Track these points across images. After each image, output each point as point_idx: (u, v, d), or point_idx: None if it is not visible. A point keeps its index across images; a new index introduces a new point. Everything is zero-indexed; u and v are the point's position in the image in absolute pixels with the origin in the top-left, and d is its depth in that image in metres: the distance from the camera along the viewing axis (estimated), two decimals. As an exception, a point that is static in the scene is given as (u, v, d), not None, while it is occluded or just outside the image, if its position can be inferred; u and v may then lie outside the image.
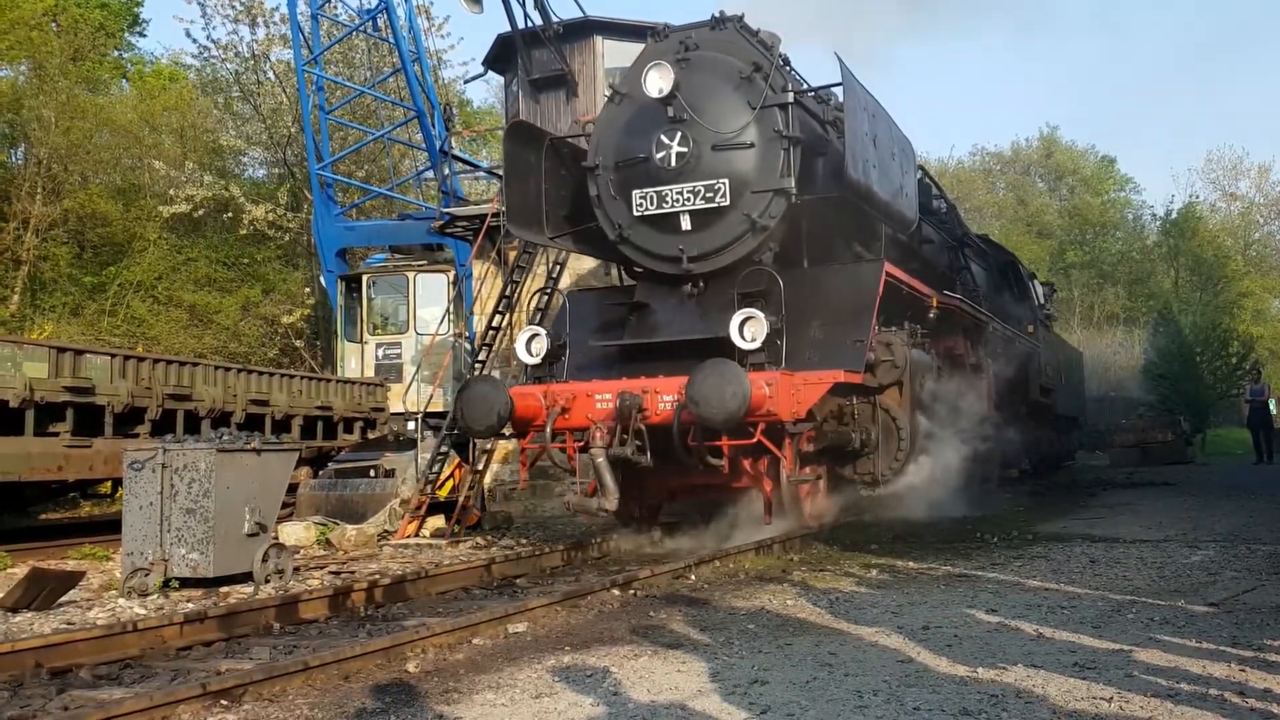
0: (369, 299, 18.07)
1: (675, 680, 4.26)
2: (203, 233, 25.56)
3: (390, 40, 19.12)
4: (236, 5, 24.30)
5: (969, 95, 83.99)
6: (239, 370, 12.30)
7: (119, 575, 7.66)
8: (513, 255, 13.78)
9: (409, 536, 10.32)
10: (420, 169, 21.63)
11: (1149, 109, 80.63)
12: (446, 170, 17.57)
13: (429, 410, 14.26)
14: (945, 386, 10.50)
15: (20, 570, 7.84)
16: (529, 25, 15.70)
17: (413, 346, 17.55)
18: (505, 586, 7.32)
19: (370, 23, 19.33)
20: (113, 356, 10.59)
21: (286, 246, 25.99)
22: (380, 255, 19.44)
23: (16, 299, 22.02)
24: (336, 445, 13.39)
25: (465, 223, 16.44)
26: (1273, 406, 23.26)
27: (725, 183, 8.53)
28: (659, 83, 8.37)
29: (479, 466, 11.13)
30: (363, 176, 24.12)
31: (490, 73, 18.76)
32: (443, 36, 25.71)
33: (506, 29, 15.90)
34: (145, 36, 40.97)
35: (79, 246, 24.16)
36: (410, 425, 14.50)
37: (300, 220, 24.52)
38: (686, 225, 8.71)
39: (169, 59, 31.35)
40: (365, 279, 18.15)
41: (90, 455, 10.01)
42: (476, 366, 11.93)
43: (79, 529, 11.66)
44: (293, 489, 10.44)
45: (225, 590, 7.22)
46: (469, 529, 10.78)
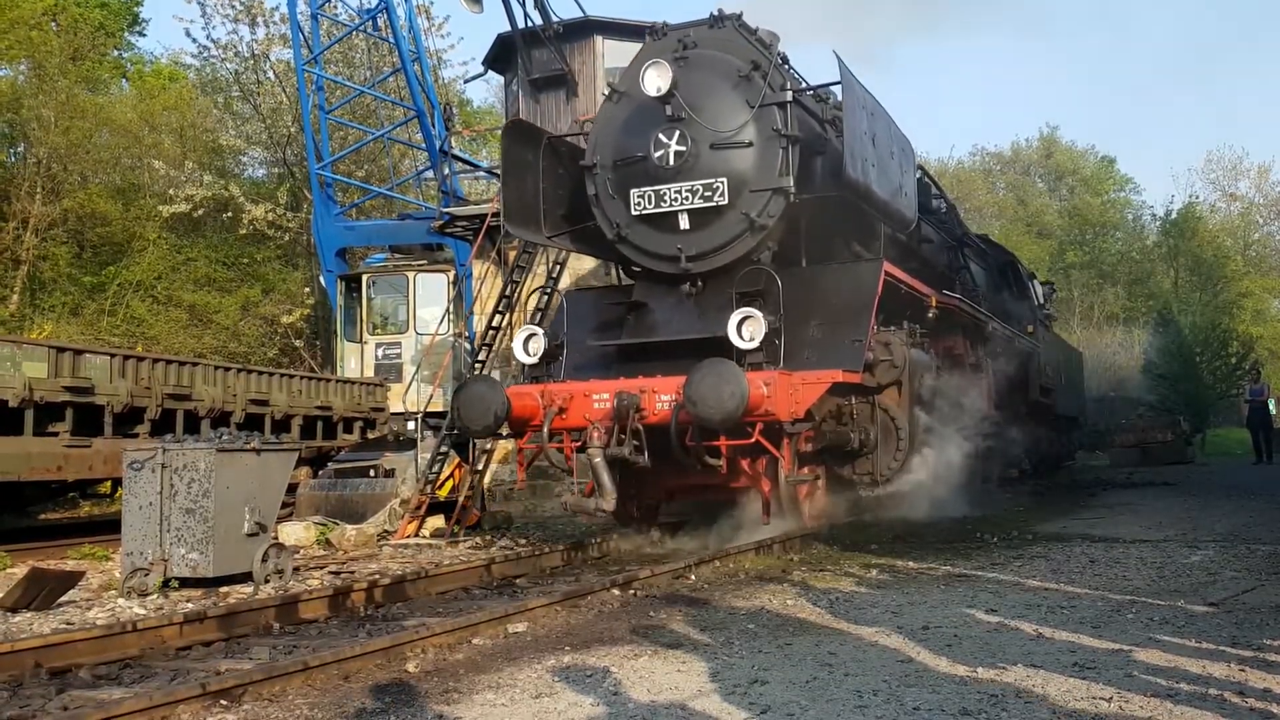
0: (369, 299, 18.07)
1: (675, 680, 4.26)
2: (202, 232, 25.57)
3: (390, 40, 19.11)
4: (236, 5, 24.35)
5: (969, 95, 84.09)
6: (239, 370, 12.30)
7: (118, 575, 7.66)
8: (513, 255, 13.78)
9: (409, 536, 10.32)
10: (420, 169, 21.63)
11: (1149, 109, 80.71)
12: (446, 170, 17.57)
13: (429, 410, 14.26)
14: (944, 386, 10.48)
15: (20, 570, 7.84)
16: (529, 25, 15.71)
17: (412, 346, 17.55)
18: (505, 586, 7.31)
19: (370, 22, 19.32)
20: (112, 356, 10.59)
21: (286, 246, 25.99)
22: (380, 255, 19.43)
23: (16, 299, 22.02)
24: (336, 445, 13.39)
25: (465, 223, 16.45)
26: (1272, 406, 23.26)
27: (723, 182, 8.49)
28: (657, 81, 8.34)
29: (479, 466, 11.13)
30: (362, 176, 24.12)
31: (490, 72, 18.78)
32: (443, 36, 25.76)
33: (506, 29, 15.92)
34: (145, 36, 41.09)
35: (78, 246, 24.16)
36: (410, 425, 14.50)
37: (300, 220, 24.51)
38: (685, 224, 8.68)
39: (169, 59, 31.43)
40: (365, 279, 18.15)
41: (90, 455, 10.01)
42: (476, 366, 11.93)
43: (78, 529, 11.66)
44: (292, 489, 10.43)
45: (225, 590, 7.22)
46: (469, 529, 10.78)
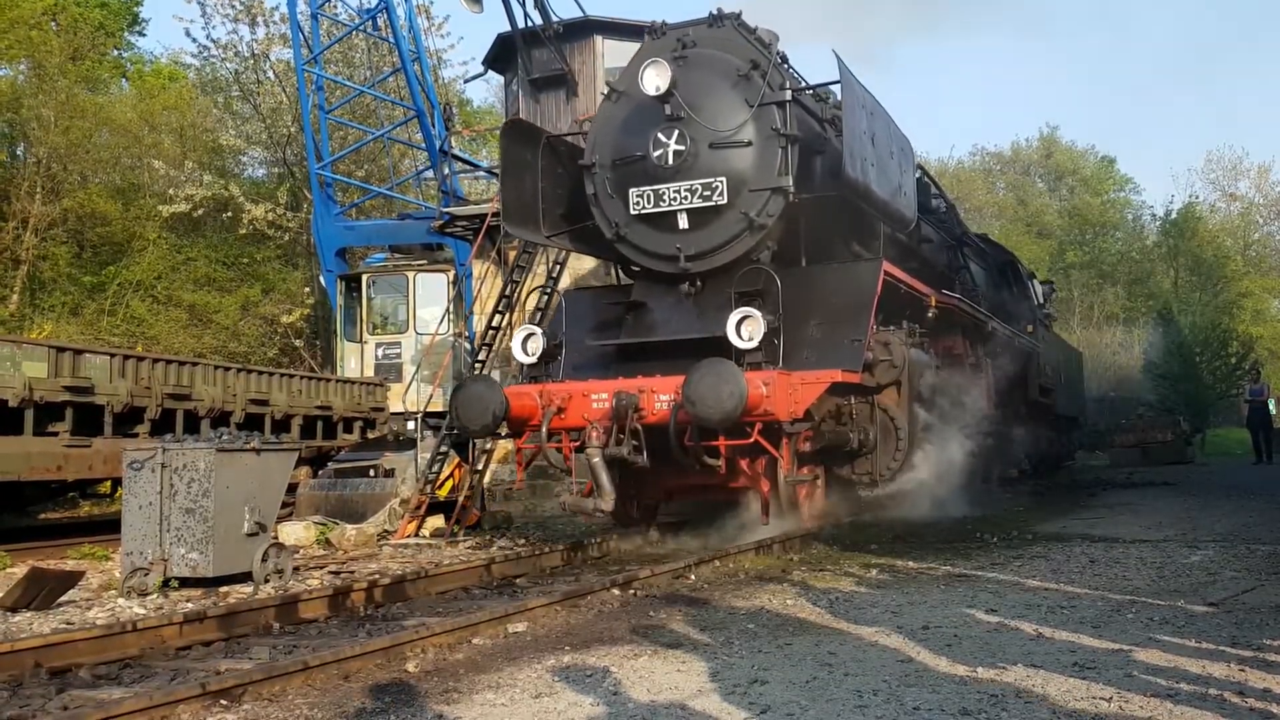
0: (369, 299, 18.08)
1: (675, 680, 4.26)
2: (202, 232, 25.58)
3: (390, 40, 19.11)
4: (236, 4, 24.35)
5: (969, 95, 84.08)
6: (238, 370, 12.30)
7: (118, 575, 7.66)
8: (513, 255, 13.78)
9: (409, 536, 10.32)
10: (420, 169, 21.64)
11: (1149, 109, 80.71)
12: (446, 170, 17.58)
13: (429, 410, 14.27)
14: (944, 386, 10.47)
15: (20, 570, 7.84)
16: (529, 25, 15.71)
17: (412, 346, 17.55)
18: (505, 586, 7.31)
19: (370, 22, 19.32)
20: (112, 356, 10.59)
21: (286, 246, 25.99)
22: (380, 255, 19.44)
23: (16, 298, 22.02)
24: (336, 445, 13.39)
25: (465, 222, 16.46)
26: (1272, 406, 23.27)
27: (723, 181, 8.47)
28: (656, 80, 8.32)
29: (479, 466, 11.13)
30: (362, 176, 24.12)
31: (490, 72, 18.80)
32: (443, 36, 25.77)
33: (506, 29, 15.93)
34: (145, 36, 41.15)
35: (78, 246, 24.17)
36: (410, 425, 14.51)
37: (300, 220, 24.52)
38: (684, 224, 8.66)
39: (168, 58, 31.43)
40: (365, 279, 18.16)
41: (90, 455, 10.01)
42: (476, 366, 11.92)
43: (78, 529, 11.65)
44: (292, 489, 10.43)
45: (225, 590, 7.22)
46: (469, 529, 10.78)
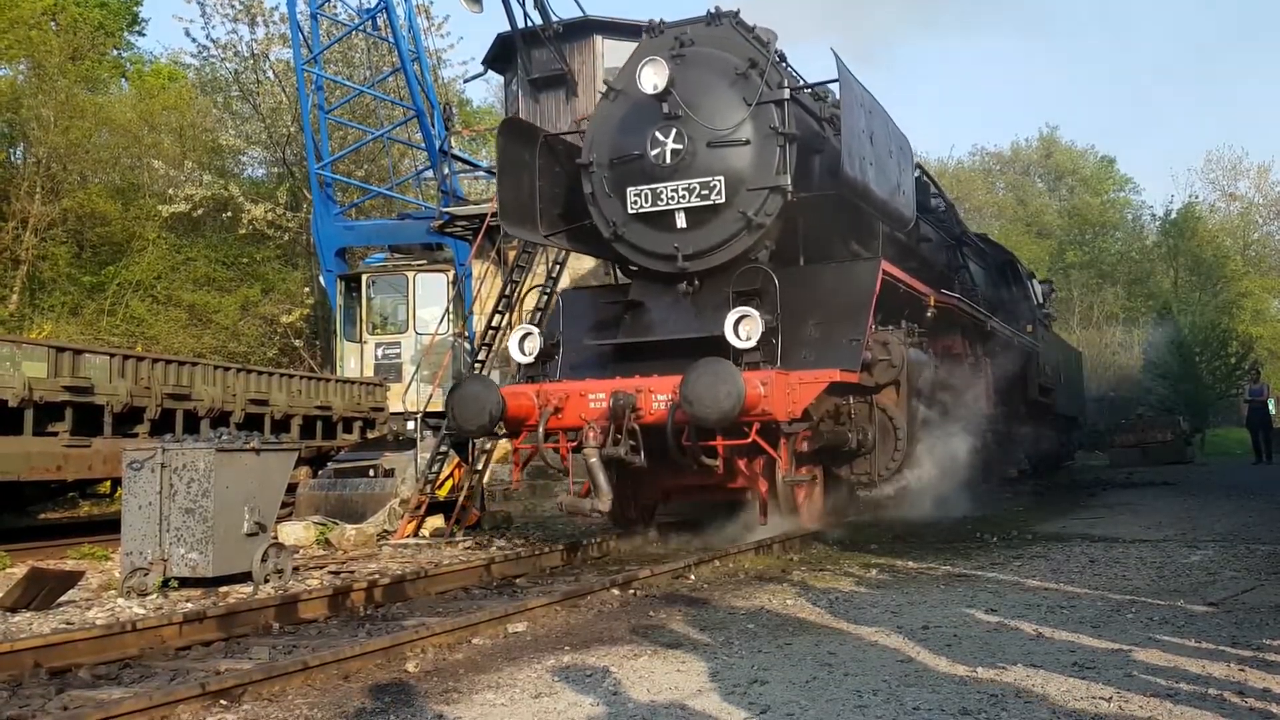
0: (368, 298, 18.08)
1: (675, 680, 4.26)
2: (202, 232, 25.57)
3: (390, 39, 19.11)
4: (236, 4, 24.34)
5: (969, 95, 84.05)
6: (238, 370, 12.29)
7: (118, 575, 7.65)
8: (512, 255, 13.78)
9: (408, 536, 10.32)
10: (420, 169, 21.64)
11: (1149, 109, 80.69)
12: (446, 170, 17.58)
13: (428, 410, 14.26)
14: (943, 386, 10.47)
15: (19, 570, 7.84)
16: (529, 25, 15.71)
17: (412, 346, 17.55)
18: (505, 586, 7.31)
19: (370, 22, 19.32)
20: (112, 356, 10.58)
21: (286, 246, 25.99)
22: (380, 255, 19.44)
23: (15, 298, 22.01)
24: (336, 445, 13.39)
25: (465, 222, 16.46)
26: (1271, 406, 23.28)
27: (720, 180, 8.44)
28: (654, 79, 8.28)
29: (478, 466, 11.12)
30: (362, 176, 24.12)
31: (490, 72, 18.80)
32: (442, 36, 25.76)
33: (506, 28, 15.93)
34: (144, 36, 41.18)
35: (78, 246, 24.16)
36: (410, 425, 14.51)
37: (299, 220, 24.51)
38: (681, 223, 8.62)
39: (168, 58, 31.41)
40: (365, 278, 18.16)
41: (89, 455, 10.00)
42: (476, 366, 11.92)
43: (78, 529, 11.65)
44: (292, 489, 10.43)
45: (224, 590, 7.22)
46: (468, 529, 10.78)
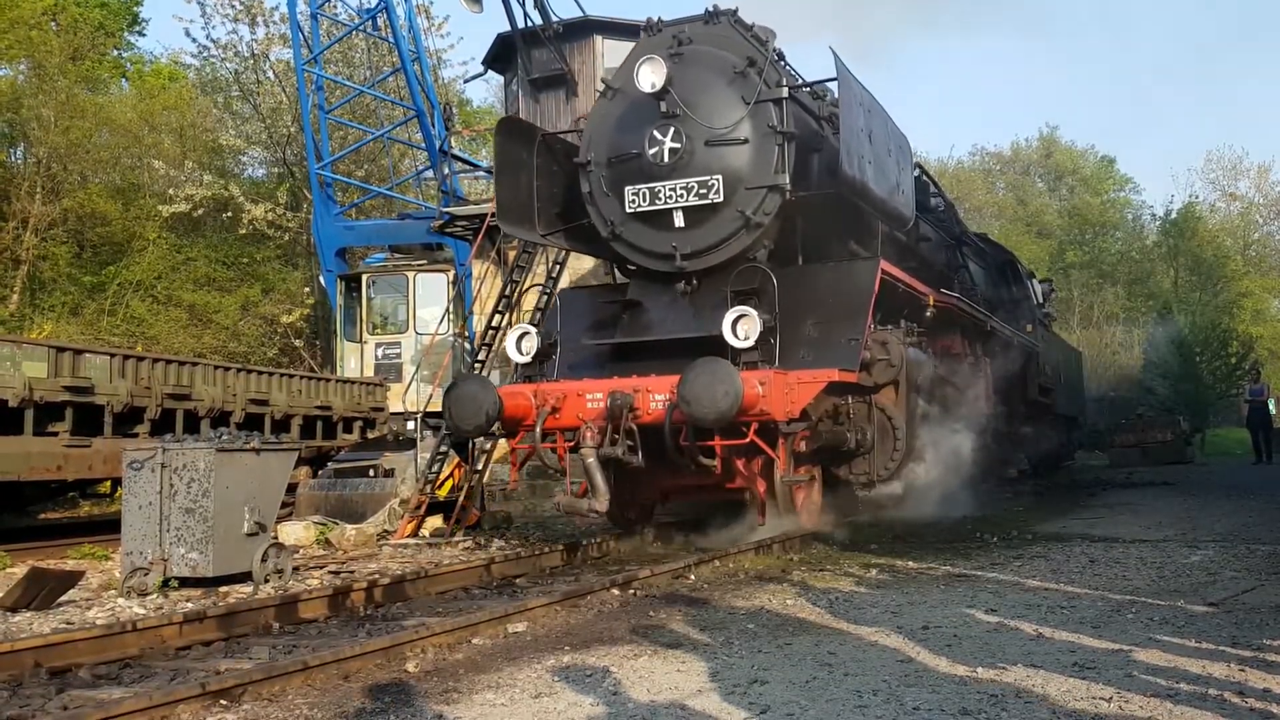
0: (369, 298, 18.08)
1: (675, 680, 4.26)
2: (202, 232, 25.58)
3: (390, 40, 19.12)
4: (236, 4, 24.36)
5: (969, 95, 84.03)
6: (238, 370, 12.30)
7: (118, 575, 7.65)
8: (512, 255, 13.78)
9: (408, 536, 10.32)
10: (420, 169, 21.65)
11: (1149, 109, 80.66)
12: (446, 170, 17.58)
13: (428, 410, 14.26)
14: (942, 385, 10.46)
15: (20, 570, 7.84)
16: (529, 25, 15.72)
17: (412, 346, 17.55)
18: (505, 586, 7.31)
19: (370, 22, 19.32)
20: (112, 356, 10.58)
21: (286, 246, 26.00)
22: (380, 255, 19.44)
23: (16, 298, 22.02)
24: (336, 445, 13.39)
25: (465, 222, 16.46)
26: (1272, 406, 23.27)
27: (719, 179, 8.41)
28: (651, 77, 8.25)
29: (478, 466, 11.12)
30: (362, 176, 24.12)
31: (490, 72, 18.80)
32: (442, 36, 25.73)
33: (506, 28, 15.94)
34: (145, 36, 41.17)
35: (78, 246, 24.16)
36: (410, 425, 14.51)
37: (300, 220, 24.52)
38: (680, 222, 8.59)
39: (168, 58, 31.39)
40: (365, 278, 18.16)
41: (89, 455, 10.00)
42: (476, 366, 11.92)
43: (78, 529, 11.65)
44: (292, 488, 10.43)
45: (224, 590, 7.22)
46: (468, 529, 10.77)
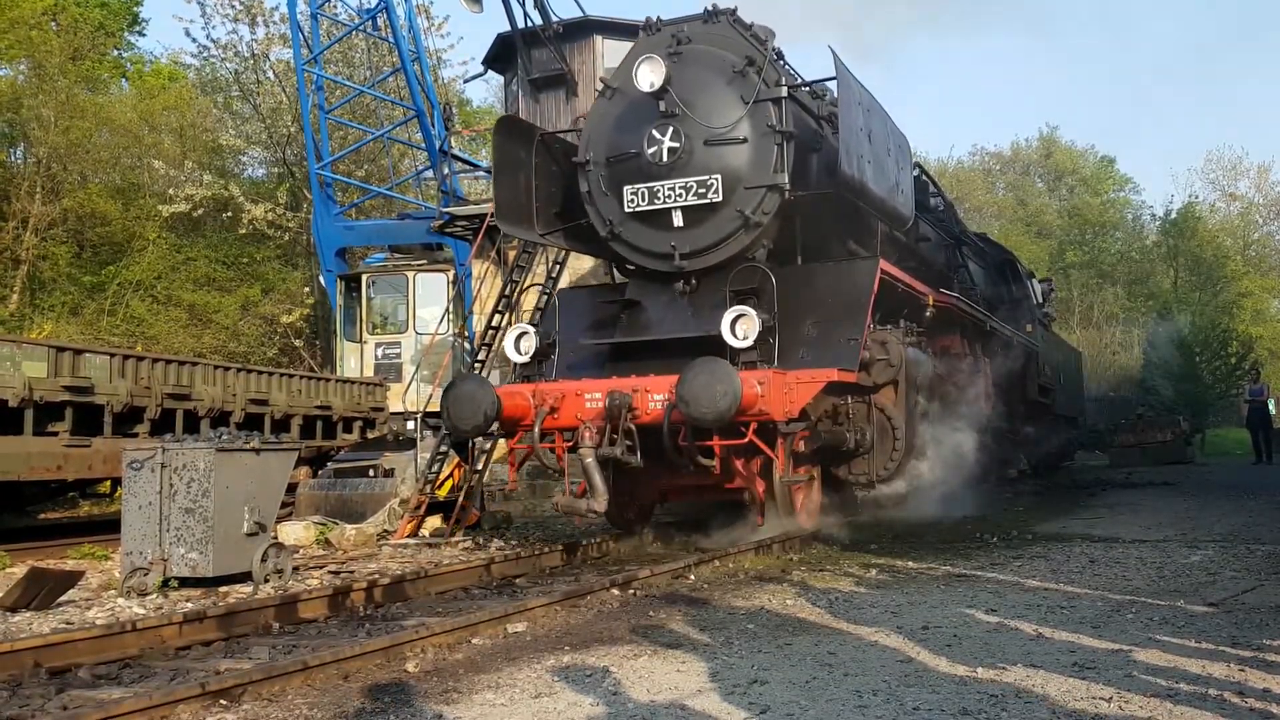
0: (368, 298, 18.08)
1: (675, 680, 4.26)
2: (202, 232, 25.58)
3: (390, 40, 19.12)
4: (236, 4, 24.38)
5: (969, 95, 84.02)
6: (238, 370, 12.29)
7: (118, 575, 7.65)
8: (512, 255, 13.78)
9: (408, 536, 10.32)
10: (420, 169, 21.65)
11: (1149, 109, 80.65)
12: (446, 170, 17.58)
13: (428, 410, 14.25)
14: (942, 385, 10.45)
15: (19, 570, 7.84)
16: (529, 25, 15.73)
17: (412, 346, 17.56)
18: (505, 586, 7.31)
19: (370, 22, 19.32)
20: (112, 356, 10.58)
21: (286, 246, 26.00)
22: (380, 255, 19.44)
23: (16, 298, 22.02)
24: (336, 445, 13.39)
25: (465, 222, 16.46)
26: (1271, 406, 23.27)
27: (718, 178, 8.39)
28: (650, 76, 8.21)
29: (478, 466, 11.12)
30: (362, 176, 24.13)
31: (490, 72, 18.81)
32: (442, 36, 25.75)
33: (506, 28, 15.94)
34: (145, 36, 41.12)
35: (78, 246, 24.16)
36: (410, 425, 14.51)
37: (300, 220, 24.52)
38: (678, 221, 8.56)
39: (168, 58, 31.39)
40: (365, 278, 18.16)
41: (89, 455, 10.00)
42: (476, 366, 11.91)
43: (78, 528, 11.65)
44: (292, 488, 10.43)
45: (224, 590, 7.22)
46: (468, 529, 10.77)
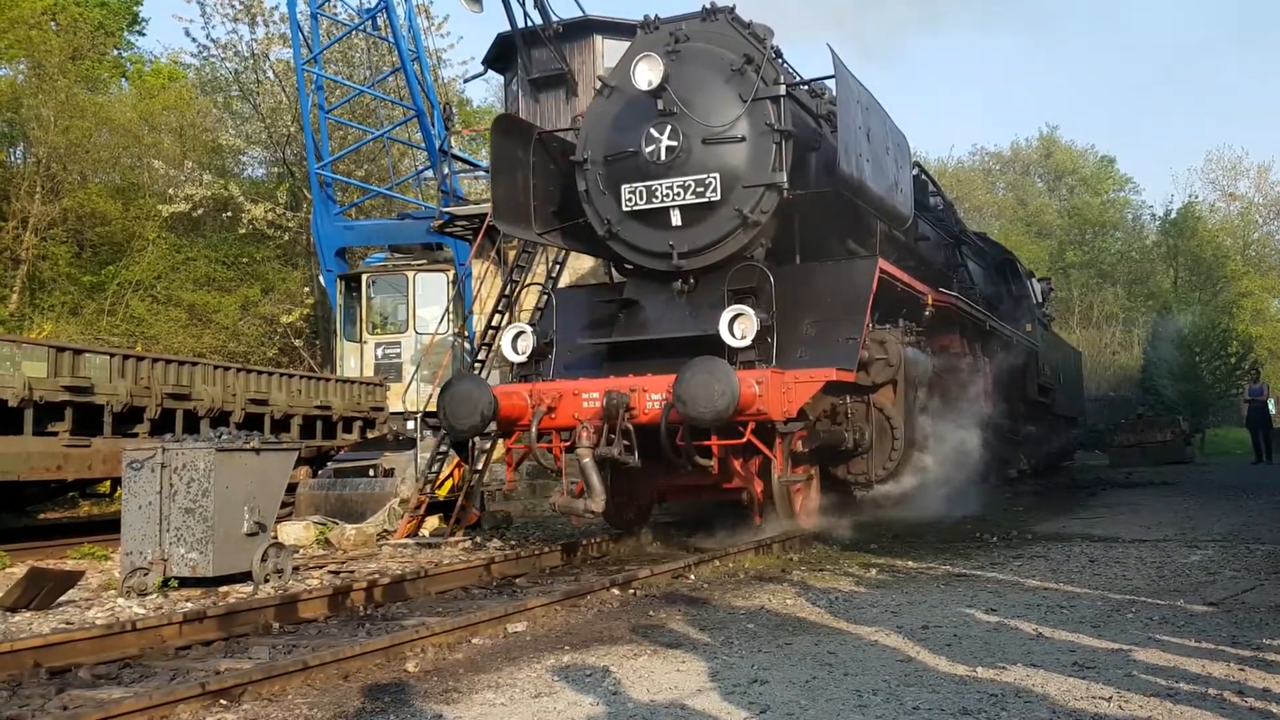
0: (368, 298, 18.08)
1: (675, 679, 4.26)
2: (202, 232, 25.58)
3: (390, 39, 19.11)
4: (236, 4, 24.37)
5: (969, 94, 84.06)
6: (238, 369, 12.29)
7: (118, 575, 7.66)
8: (512, 255, 13.78)
9: (408, 536, 10.32)
10: (420, 168, 21.64)
11: (1149, 109, 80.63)
12: (446, 169, 17.57)
13: (428, 409, 14.25)
14: (941, 385, 10.44)
15: (19, 570, 7.84)
16: (529, 25, 15.71)
17: (412, 346, 17.55)
18: (505, 586, 7.32)
19: (370, 22, 19.32)
20: (112, 356, 10.58)
21: (286, 246, 26.00)
22: (380, 254, 19.44)
23: (15, 298, 22.01)
24: (336, 445, 13.39)
25: (465, 222, 16.46)
26: (1271, 406, 23.27)
27: (716, 177, 8.37)
28: (648, 75, 8.18)
29: (478, 466, 11.12)
30: (362, 176, 24.13)
31: (490, 72, 18.79)
32: (442, 36, 25.78)
33: (506, 28, 15.92)
34: (144, 35, 41.22)
35: (78, 245, 24.15)
36: (410, 424, 14.50)
37: (299, 219, 24.52)
38: (676, 220, 8.54)
39: (168, 58, 31.36)
40: (365, 278, 18.15)
41: (89, 454, 10.00)
42: (476, 366, 11.91)
43: (78, 528, 11.65)
44: (292, 488, 10.43)
45: (224, 590, 7.22)
46: (468, 528, 10.78)
